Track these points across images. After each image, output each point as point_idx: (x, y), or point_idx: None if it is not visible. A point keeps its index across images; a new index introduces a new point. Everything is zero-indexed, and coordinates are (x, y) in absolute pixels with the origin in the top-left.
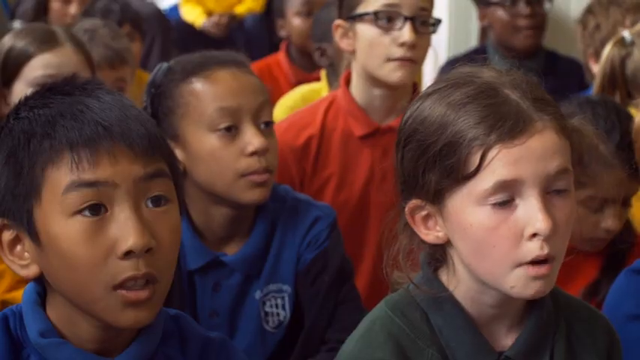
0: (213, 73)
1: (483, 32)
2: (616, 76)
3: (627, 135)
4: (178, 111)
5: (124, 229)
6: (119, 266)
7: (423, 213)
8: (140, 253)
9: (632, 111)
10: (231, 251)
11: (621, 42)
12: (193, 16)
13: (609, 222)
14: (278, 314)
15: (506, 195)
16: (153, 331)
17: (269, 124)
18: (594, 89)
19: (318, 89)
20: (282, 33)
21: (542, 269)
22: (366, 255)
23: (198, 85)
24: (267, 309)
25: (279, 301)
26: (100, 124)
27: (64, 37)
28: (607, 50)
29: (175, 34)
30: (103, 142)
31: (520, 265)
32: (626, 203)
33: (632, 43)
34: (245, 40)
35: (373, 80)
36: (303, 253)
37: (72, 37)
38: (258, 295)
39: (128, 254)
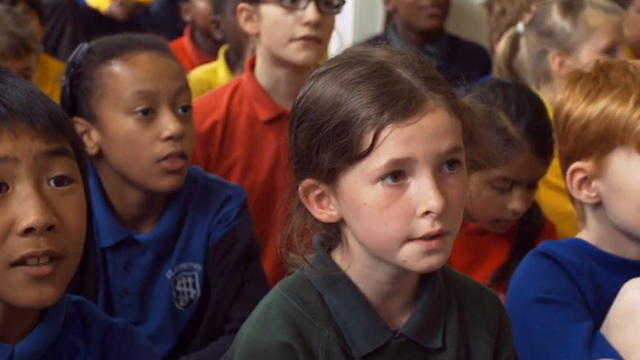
0: (133, 56)
1: (388, 18)
2: (506, 70)
3: (537, 117)
4: (96, 92)
5: (24, 206)
6: (18, 243)
7: (317, 192)
8: (41, 231)
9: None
10: (145, 230)
11: (514, 35)
12: (97, 1)
13: (515, 203)
14: (189, 293)
15: (399, 174)
16: (55, 317)
17: (187, 109)
18: (493, 77)
19: (214, 69)
20: (187, 17)
21: (432, 243)
22: (271, 238)
23: (116, 67)
24: (178, 288)
25: (189, 279)
26: (2, 103)
27: None
28: (502, 43)
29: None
30: (5, 121)
31: (410, 240)
32: (532, 185)
33: (522, 37)
34: (151, 24)
35: (278, 61)
36: (213, 231)
37: None
38: (169, 274)
39: (28, 231)
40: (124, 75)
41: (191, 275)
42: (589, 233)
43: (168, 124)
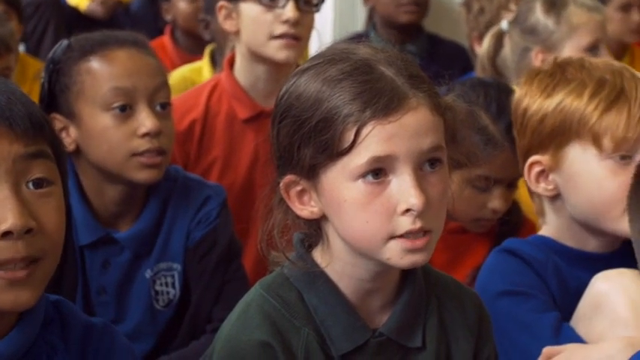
0: (111, 53)
1: (370, 16)
2: (490, 67)
3: None
4: (74, 88)
5: (2, 209)
6: None
7: (298, 188)
8: (19, 234)
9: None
10: (123, 229)
11: (498, 33)
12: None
13: (496, 202)
14: (168, 293)
15: (380, 171)
16: (33, 318)
17: (165, 106)
18: (476, 75)
19: (199, 68)
20: (168, 16)
21: (417, 242)
22: (251, 237)
23: (95, 63)
24: (158, 287)
25: (169, 279)
26: None
27: None
28: (485, 41)
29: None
30: None
31: (393, 237)
32: (512, 184)
33: (506, 34)
34: (131, 23)
35: (258, 59)
36: (192, 231)
37: None
38: (148, 273)
39: (6, 235)
40: (102, 71)
41: (170, 275)
42: (549, 228)
43: (145, 120)
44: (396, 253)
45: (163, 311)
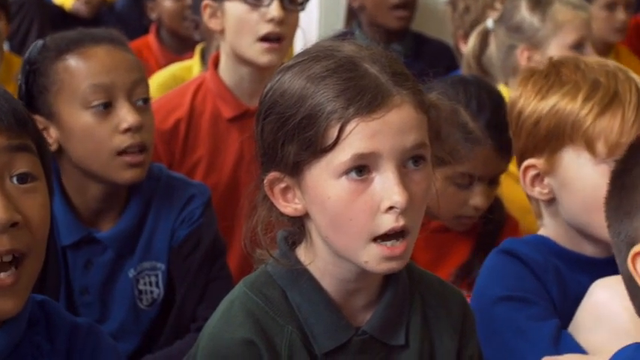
0: (88, 50)
1: (350, 15)
2: (475, 65)
3: (497, 114)
4: (52, 88)
5: None
6: None
7: (282, 185)
8: (4, 228)
9: (503, 90)
10: (105, 228)
11: (484, 31)
12: None
13: (477, 199)
14: (152, 292)
15: (364, 168)
16: (18, 319)
17: (146, 100)
18: (462, 73)
19: (189, 66)
20: (153, 15)
21: (396, 250)
22: (236, 236)
23: (72, 61)
24: (141, 287)
25: (152, 278)
26: None
27: None
28: (471, 39)
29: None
30: None
31: (375, 239)
32: (493, 181)
33: (491, 32)
34: (116, 22)
35: (241, 60)
36: (177, 230)
37: None
38: (131, 273)
39: None
40: (80, 69)
41: (154, 274)
42: (547, 230)
43: (126, 116)
44: (373, 258)
45: (147, 310)
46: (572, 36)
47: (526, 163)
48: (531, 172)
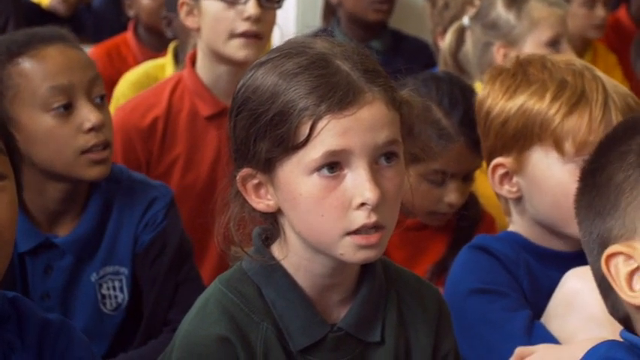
0: (40, 52)
1: (327, 12)
2: (452, 62)
3: (470, 110)
4: (8, 93)
5: None
6: None
7: (255, 182)
8: None
9: (479, 87)
10: (63, 233)
11: (460, 28)
12: None
13: (451, 196)
14: (116, 297)
15: (335, 165)
16: None
17: (102, 97)
18: (439, 70)
19: (162, 65)
20: (131, 12)
21: (371, 239)
22: (214, 234)
23: (26, 64)
24: (104, 291)
25: (116, 283)
26: None
27: None
28: (448, 36)
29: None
30: None
31: (348, 233)
32: (468, 178)
33: (467, 29)
34: (93, 19)
35: (218, 57)
36: (140, 235)
37: None
38: (93, 277)
39: None
40: (35, 72)
41: (118, 279)
42: (515, 226)
43: (88, 115)
44: (349, 249)
45: (112, 315)
46: (547, 33)
47: (494, 162)
48: (500, 171)
